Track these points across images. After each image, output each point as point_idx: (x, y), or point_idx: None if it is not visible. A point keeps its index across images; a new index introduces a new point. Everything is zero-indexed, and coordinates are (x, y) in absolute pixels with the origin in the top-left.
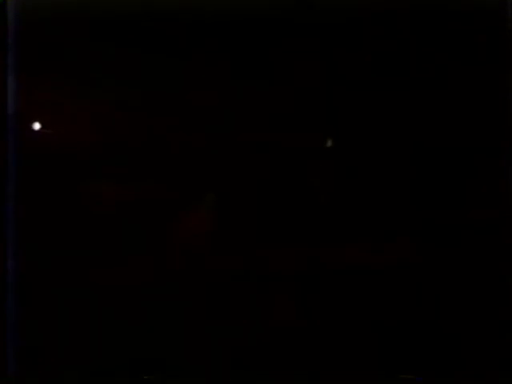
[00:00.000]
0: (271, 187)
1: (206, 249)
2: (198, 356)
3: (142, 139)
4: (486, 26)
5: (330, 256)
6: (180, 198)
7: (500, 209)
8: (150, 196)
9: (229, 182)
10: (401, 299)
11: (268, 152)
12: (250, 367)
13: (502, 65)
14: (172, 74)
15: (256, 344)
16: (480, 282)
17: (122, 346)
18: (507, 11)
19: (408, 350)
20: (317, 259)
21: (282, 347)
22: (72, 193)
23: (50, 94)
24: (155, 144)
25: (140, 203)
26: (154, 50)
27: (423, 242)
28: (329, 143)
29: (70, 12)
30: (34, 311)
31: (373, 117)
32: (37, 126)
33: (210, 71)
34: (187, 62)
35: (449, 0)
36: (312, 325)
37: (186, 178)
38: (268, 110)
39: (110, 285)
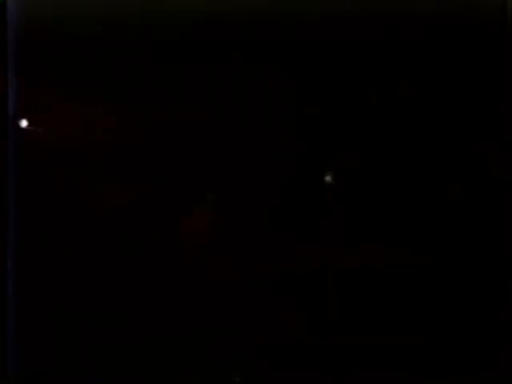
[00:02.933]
0: (271, 190)
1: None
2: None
3: (142, 141)
4: (486, 29)
5: (333, 258)
6: (180, 198)
7: (500, 209)
8: (150, 197)
9: (229, 183)
10: (401, 299)
11: (269, 155)
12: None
13: (502, 67)
14: (174, 76)
15: (259, 347)
16: (480, 282)
17: (121, 346)
18: (507, 13)
19: (409, 350)
20: (319, 262)
21: (285, 349)
22: (72, 193)
23: (51, 94)
24: (156, 146)
25: (140, 204)
26: (154, 51)
27: (424, 244)
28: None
29: (70, 12)
30: (34, 311)
31: (374, 120)
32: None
33: (209, 73)
34: (185, 63)
35: (449, 2)
36: (315, 327)
37: (185, 178)
38: (269, 113)
39: (109, 285)
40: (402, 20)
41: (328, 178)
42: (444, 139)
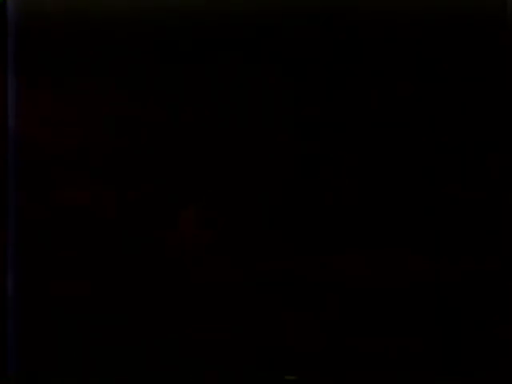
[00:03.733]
0: (271, 194)
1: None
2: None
3: (142, 145)
4: (486, 29)
5: (334, 265)
6: (179, 200)
7: (500, 209)
8: (152, 197)
9: (228, 186)
10: (401, 299)
11: (269, 157)
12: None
13: (502, 67)
14: (174, 76)
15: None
16: (480, 282)
17: (120, 347)
18: (507, 13)
19: (410, 351)
20: (319, 268)
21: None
22: (73, 193)
23: (51, 94)
24: (158, 146)
25: (141, 204)
26: (155, 53)
27: (425, 247)
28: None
29: (71, 12)
30: (34, 311)
31: (373, 120)
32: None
33: (206, 74)
34: (187, 63)
35: (448, 2)
36: (312, 335)
37: (185, 180)
38: (268, 114)
39: (110, 285)
40: (401, 20)
41: (328, 179)
42: (444, 139)
